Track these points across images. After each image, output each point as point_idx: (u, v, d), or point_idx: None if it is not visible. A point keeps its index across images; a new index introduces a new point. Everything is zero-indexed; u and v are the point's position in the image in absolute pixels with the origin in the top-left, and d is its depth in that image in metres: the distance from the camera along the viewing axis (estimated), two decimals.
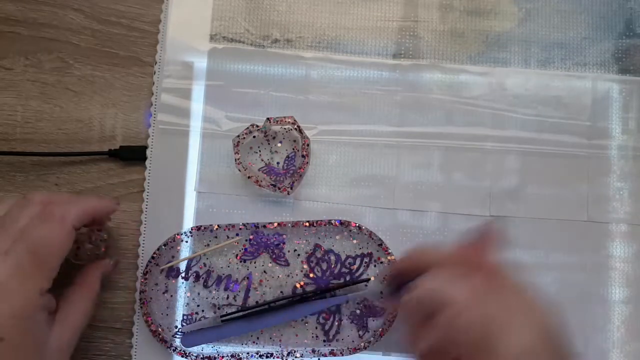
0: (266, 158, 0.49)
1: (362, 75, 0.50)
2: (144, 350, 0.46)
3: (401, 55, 0.51)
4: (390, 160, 0.49)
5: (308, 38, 0.51)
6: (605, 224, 0.49)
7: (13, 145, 0.49)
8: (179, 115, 0.49)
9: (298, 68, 0.50)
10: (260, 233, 0.47)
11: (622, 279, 0.48)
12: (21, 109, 0.50)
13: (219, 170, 0.49)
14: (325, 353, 0.46)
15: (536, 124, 0.50)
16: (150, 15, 0.51)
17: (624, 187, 0.49)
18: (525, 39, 0.51)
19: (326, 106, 0.50)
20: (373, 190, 0.49)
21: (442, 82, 0.50)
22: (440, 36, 0.51)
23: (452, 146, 0.49)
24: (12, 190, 0.49)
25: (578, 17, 0.51)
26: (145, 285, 0.46)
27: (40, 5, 0.51)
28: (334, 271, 0.47)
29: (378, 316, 0.47)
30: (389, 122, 0.50)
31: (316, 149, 0.49)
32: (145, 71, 0.50)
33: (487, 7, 0.51)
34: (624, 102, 0.50)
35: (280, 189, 0.47)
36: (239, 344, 0.46)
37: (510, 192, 0.49)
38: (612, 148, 0.50)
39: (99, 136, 0.49)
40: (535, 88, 0.50)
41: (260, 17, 0.51)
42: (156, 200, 0.48)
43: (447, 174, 0.49)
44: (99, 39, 0.50)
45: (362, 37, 0.51)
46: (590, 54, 0.51)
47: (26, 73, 0.50)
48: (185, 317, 0.47)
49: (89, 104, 0.50)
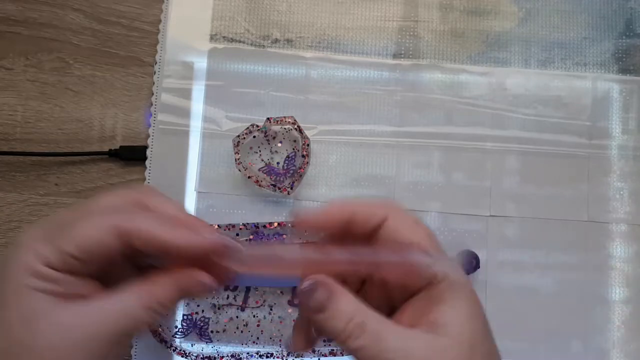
0: (266, 158, 0.49)
1: (362, 75, 0.50)
2: (144, 350, 0.46)
3: (401, 55, 0.51)
4: (390, 160, 0.49)
5: (308, 38, 0.51)
6: (605, 224, 0.49)
7: (13, 145, 0.49)
8: (179, 115, 0.49)
9: (298, 68, 0.50)
10: (261, 233, 0.47)
11: (622, 279, 0.48)
12: (21, 109, 0.50)
13: (219, 170, 0.49)
14: (325, 353, 0.46)
15: (536, 124, 0.50)
16: (150, 15, 0.51)
17: (624, 187, 0.49)
18: (525, 39, 0.51)
19: (326, 106, 0.50)
20: (373, 190, 0.49)
21: (442, 82, 0.50)
22: (440, 36, 0.51)
23: (452, 146, 0.49)
24: (11, 190, 0.49)
25: (578, 17, 0.51)
26: None
27: (40, 5, 0.51)
28: None
29: None
30: (389, 122, 0.50)
31: (316, 149, 0.49)
32: (145, 71, 0.50)
33: (487, 7, 0.51)
34: (624, 102, 0.50)
35: (280, 189, 0.47)
36: (239, 344, 0.46)
37: (510, 192, 0.49)
38: (612, 148, 0.50)
39: (99, 136, 0.49)
40: (535, 88, 0.50)
41: (260, 17, 0.51)
42: None
43: (447, 174, 0.49)
44: (99, 39, 0.50)
45: (362, 37, 0.51)
46: (590, 54, 0.51)
47: (26, 73, 0.50)
48: (185, 317, 0.47)
49: (89, 104, 0.50)
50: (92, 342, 0.28)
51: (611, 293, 0.48)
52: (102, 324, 0.28)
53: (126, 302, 0.29)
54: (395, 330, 0.29)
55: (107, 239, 0.28)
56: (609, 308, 0.48)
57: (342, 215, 0.31)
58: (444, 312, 0.29)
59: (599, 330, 0.47)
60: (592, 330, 0.48)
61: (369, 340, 0.28)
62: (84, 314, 0.28)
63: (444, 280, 0.30)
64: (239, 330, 0.47)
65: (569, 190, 0.49)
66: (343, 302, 0.29)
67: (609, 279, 0.48)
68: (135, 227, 0.28)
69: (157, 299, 0.29)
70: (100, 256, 0.28)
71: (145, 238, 0.28)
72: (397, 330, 0.29)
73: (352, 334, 0.28)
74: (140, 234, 0.28)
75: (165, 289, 0.29)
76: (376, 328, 0.29)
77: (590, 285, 0.48)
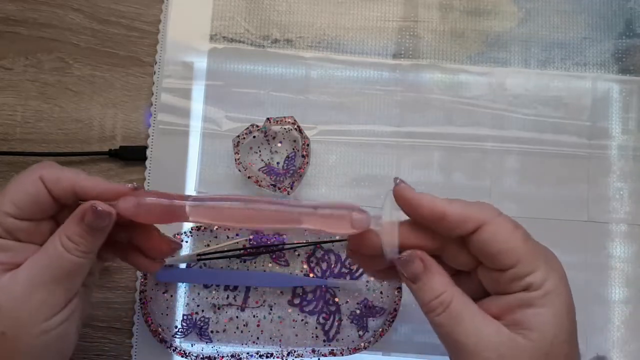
0: (266, 158, 0.49)
1: (362, 75, 0.50)
2: (144, 350, 0.46)
3: (401, 55, 0.51)
4: (390, 160, 0.49)
5: (308, 38, 0.51)
6: (605, 224, 0.49)
7: (13, 145, 0.49)
8: (179, 115, 0.49)
9: (298, 68, 0.50)
10: (261, 233, 0.47)
11: (622, 279, 0.48)
12: (21, 109, 0.50)
13: (219, 170, 0.49)
14: (325, 353, 0.46)
15: (536, 124, 0.50)
16: (150, 15, 0.51)
17: (624, 187, 0.49)
18: (525, 39, 0.51)
19: (326, 106, 0.50)
20: (373, 190, 0.49)
21: (442, 82, 0.50)
22: (440, 36, 0.51)
23: (452, 146, 0.49)
24: None
25: (578, 17, 0.51)
26: (145, 285, 0.46)
27: (40, 5, 0.51)
28: (333, 271, 0.47)
29: (378, 316, 0.47)
30: (389, 122, 0.50)
31: (316, 149, 0.49)
32: (145, 71, 0.50)
33: (487, 7, 0.51)
34: (624, 102, 0.50)
35: (280, 189, 0.47)
36: (239, 344, 0.46)
37: (510, 192, 0.49)
38: (612, 148, 0.50)
39: (99, 136, 0.49)
40: (535, 88, 0.50)
41: (260, 17, 0.51)
42: None
43: (447, 174, 0.49)
44: (99, 39, 0.50)
45: (362, 37, 0.51)
46: (590, 54, 0.51)
47: (26, 73, 0.50)
48: (185, 317, 0.47)
49: (89, 104, 0.50)
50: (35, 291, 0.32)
51: (611, 293, 0.48)
52: (33, 275, 0.32)
53: (46, 248, 0.33)
54: (476, 315, 0.31)
55: (35, 189, 0.33)
56: (609, 308, 0.48)
57: (431, 213, 0.32)
58: (530, 316, 0.31)
59: (598, 330, 0.48)
60: (592, 330, 0.48)
61: (447, 319, 0.31)
62: (20, 272, 0.33)
63: (540, 288, 0.31)
64: (239, 330, 0.47)
65: (569, 190, 0.49)
66: (435, 279, 0.32)
67: (609, 279, 0.48)
68: (56, 174, 0.33)
69: (65, 233, 0.33)
70: (33, 205, 0.33)
71: (66, 182, 0.33)
72: (479, 316, 0.32)
73: (435, 310, 0.32)
74: (61, 179, 0.33)
75: (69, 223, 0.33)
76: (458, 309, 0.31)
77: (590, 285, 0.48)
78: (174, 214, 0.34)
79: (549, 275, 0.32)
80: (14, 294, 0.32)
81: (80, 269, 0.33)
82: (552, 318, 0.31)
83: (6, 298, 0.32)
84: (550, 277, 0.32)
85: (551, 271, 0.32)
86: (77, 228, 0.33)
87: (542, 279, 0.31)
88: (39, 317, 0.32)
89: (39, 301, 0.32)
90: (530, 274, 0.31)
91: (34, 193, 0.33)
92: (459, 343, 0.31)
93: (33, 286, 0.32)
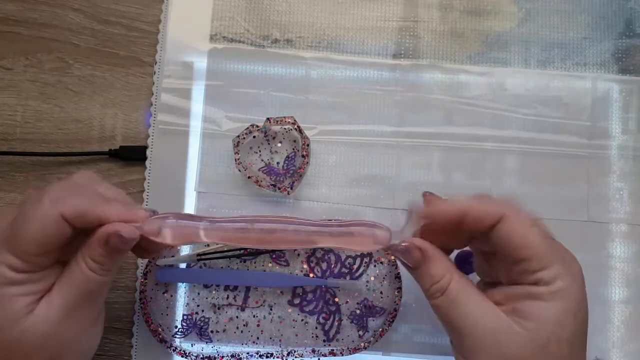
0: (266, 158, 0.49)
1: (362, 75, 0.50)
2: (144, 350, 0.46)
3: (401, 55, 0.51)
4: (390, 160, 0.49)
5: (308, 38, 0.51)
6: (605, 224, 0.49)
7: (13, 145, 0.49)
8: (179, 115, 0.49)
9: (298, 68, 0.50)
10: None
11: (622, 279, 0.48)
12: (21, 109, 0.50)
13: (219, 170, 0.49)
14: (325, 353, 0.46)
15: (536, 124, 0.50)
16: (150, 15, 0.51)
17: (624, 187, 0.49)
18: (525, 39, 0.51)
19: (326, 106, 0.50)
20: (373, 190, 0.49)
21: (442, 82, 0.50)
22: (440, 36, 0.51)
23: (452, 146, 0.49)
24: (12, 190, 0.49)
25: (578, 17, 0.51)
26: (145, 285, 0.46)
27: (40, 5, 0.51)
28: (334, 271, 0.47)
29: (378, 316, 0.47)
30: (388, 122, 0.50)
31: (316, 149, 0.49)
32: (145, 71, 0.50)
33: (487, 7, 0.51)
34: (624, 102, 0.50)
35: (280, 189, 0.47)
36: (239, 344, 0.47)
37: (510, 192, 0.49)
38: (612, 148, 0.50)
39: (99, 136, 0.49)
40: (535, 88, 0.50)
41: (260, 17, 0.51)
42: (156, 200, 0.48)
43: (447, 174, 0.49)
44: (99, 39, 0.50)
45: (362, 37, 0.51)
46: (590, 54, 0.51)
47: (26, 73, 0.50)
48: (185, 317, 0.47)
49: (89, 104, 0.50)
50: (72, 315, 0.34)
51: (611, 293, 0.48)
52: (66, 300, 0.34)
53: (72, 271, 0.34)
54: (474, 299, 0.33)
55: (57, 230, 0.33)
56: (609, 308, 0.48)
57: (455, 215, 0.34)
58: (530, 307, 0.32)
59: (598, 330, 0.48)
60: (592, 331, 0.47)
61: (444, 302, 0.33)
62: (53, 299, 0.34)
63: (549, 284, 0.32)
64: (239, 330, 0.47)
65: (569, 190, 0.49)
66: (434, 266, 0.34)
67: (609, 279, 0.48)
68: (79, 209, 0.34)
69: (90, 255, 0.34)
70: (56, 241, 0.33)
71: (92, 217, 0.34)
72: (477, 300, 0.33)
73: (433, 294, 0.34)
74: (87, 214, 0.34)
75: (93, 245, 0.34)
76: (455, 293, 0.33)
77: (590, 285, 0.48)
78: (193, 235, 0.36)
79: (561, 274, 0.32)
80: (53, 321, 0.34)
81: (105, 285, 0.36)
82: (554, 314, 0.31)
83: (49, 326, 0.34)
84: (562, 276, 0.32)
85: (565, 271, 0.32)
86: (100, 250, 0.34)
87: (553, 276, 0.32)
88: (77, 337, 0.35)
89: (76, 322, 0.35)
90: (542, 270, 0.32)
91: (58, 235, 0.34)
92: (455, 325, 0.33)
93: (69, 310, 0.34)
